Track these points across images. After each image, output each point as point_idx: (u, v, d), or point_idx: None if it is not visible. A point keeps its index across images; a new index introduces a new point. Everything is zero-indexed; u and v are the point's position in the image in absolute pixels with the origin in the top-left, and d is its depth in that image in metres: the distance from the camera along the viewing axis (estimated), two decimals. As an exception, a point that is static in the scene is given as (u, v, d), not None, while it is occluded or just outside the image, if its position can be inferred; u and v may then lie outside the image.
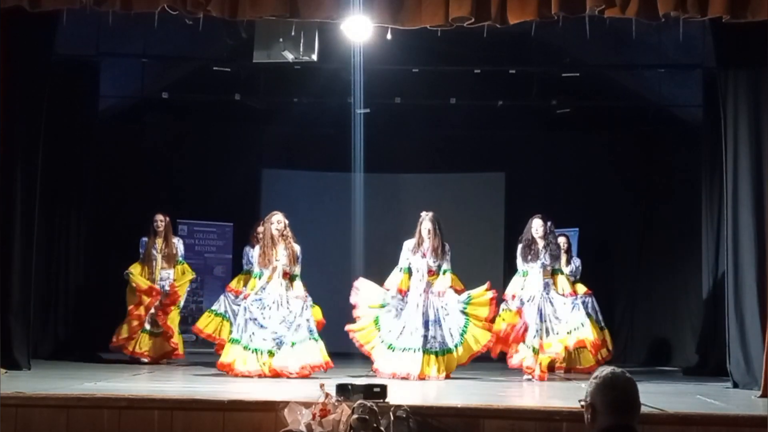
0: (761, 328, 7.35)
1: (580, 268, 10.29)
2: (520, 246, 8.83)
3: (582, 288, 9.97)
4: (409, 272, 8.57)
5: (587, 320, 8.96)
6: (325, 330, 8.79)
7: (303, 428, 5.18)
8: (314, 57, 8.34)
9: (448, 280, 8.53)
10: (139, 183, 11.65)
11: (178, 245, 9.85)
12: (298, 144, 12.76)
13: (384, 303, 8.58)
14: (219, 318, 9.64)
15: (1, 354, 7.36)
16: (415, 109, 11.72)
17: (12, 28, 7.64)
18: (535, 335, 8.50)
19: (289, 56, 8.30)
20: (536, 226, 8.78)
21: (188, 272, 9.86)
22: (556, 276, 9.03)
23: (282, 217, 8.46)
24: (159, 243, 9.67)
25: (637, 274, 11.74)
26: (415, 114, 11.91)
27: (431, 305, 8.45)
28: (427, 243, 8.52)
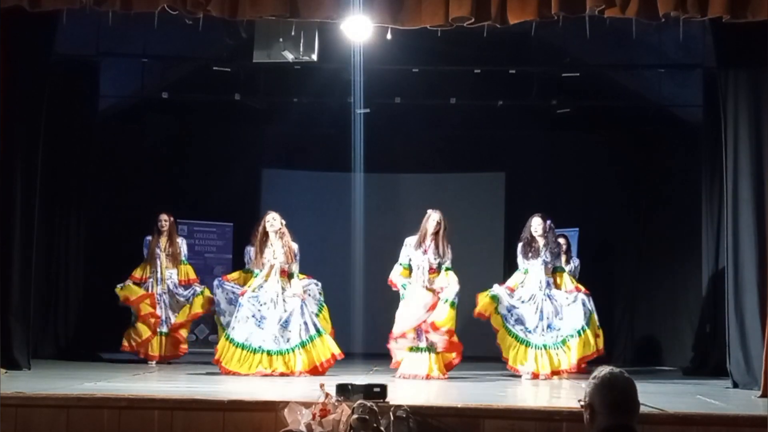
0: (761, 328, 7.34)
1: (579, 268, 10.30)
2: (520, 244, 8.86)
3: (581, 288, 9.95)
4: (409, 268, 8.56)
5: (584, 323, 8.96)
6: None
7: (303, 428, 5.19)
8: (314, 57, 8.34)
9: (450, 279, 8.53)
10: (139, 183, 11.64)
11: (182, 245, 9.84)
12: (298, 144, 12.75)
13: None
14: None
15: (1, 354, 7.36)
16: (415, 109, 11.72)
17: (12, 28, 7.64)
18: (534, 332, 8.51)
19: (289, 56, 8.30)
20: (535, 225, 8.80)
21: (191, 273, 9.83)
22: (558, 274, 9.02)
23: (277, 216, 8.50)
24: (163, 242, 9.66)
25: (637, 274, 11.73)
26: (415, 114, 11.90)
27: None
28: (430, 239, 8.50)
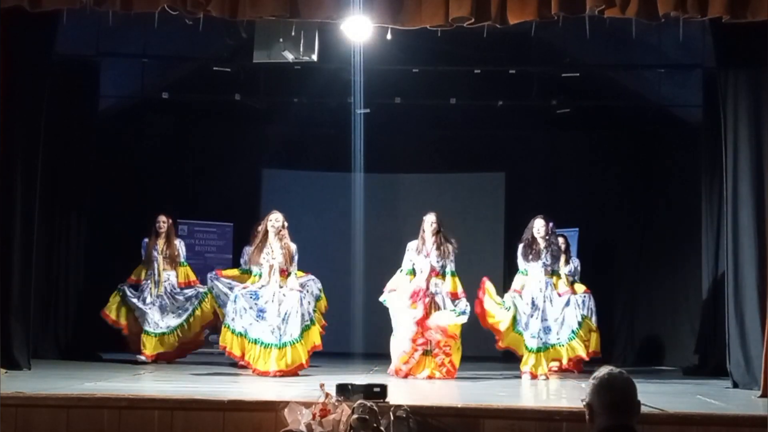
0: (761, 328, 7.35)
1: (579, 268, 10.30)
2: (521, 245, 8.83)
3: (581, 287, 9.99)
4: (413, 273, 8.56)
5: (576, 326, 9.01)
6: (326, 330, 8.81)
7: (303, 428, 5.19)
8: (314, 57, 8.34)
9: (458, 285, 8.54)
10: (139, 183, 11.64)
11: (180, 247, 9.82)
12: (298, 144, 12.76)
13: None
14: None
15: (1, 354, 7.36)
16: (415, 109, 11.71)
17: (12, 28, 7.64)
18: (534, 336, 8.52)
19: (289, 56, 8.30)
20: (538, 226, 8.78)
21: (191, 275, 9.82)
22: (555, 276, 9.04)
23: (280, 216, 8.51)
24: (160, 244, 9.64)
25: (637, 274, 11.73)
26: (415, 114, 11.90)
27: (433, 305, 8.42)
28: (432, 241, 8.50)
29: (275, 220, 8.47)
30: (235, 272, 9.42)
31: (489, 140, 12.57)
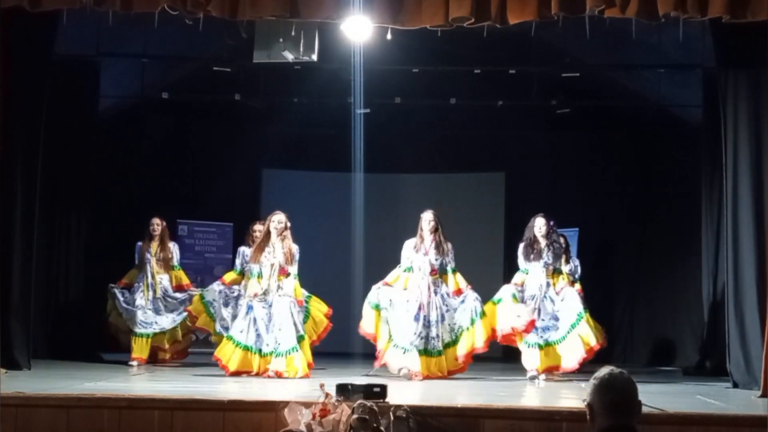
0: (761, 328, 7.35)
1: (579, 268, 10.27)
2: (522, 245, 8.81)
3: (577, 287, 9.94)
4: (411, 271, 8.55)
5: (575, 321, 8.96)
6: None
7: (303, 428, 5.19)
8: (314, 57, 8.34)
9: (461, 280, 8.53)
10: (139, 183, 11.65)
11: (174, 250, 9.75)
12: (298, 144, 12.77)
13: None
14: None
15: (1, 354, 7.36)
16: (415, 109, 11.72)
17: (12, 28, 7.64)
18: (534, 332, 8.51)
19: (289, 56, 8.30)
20: (539, 225, 8.76)
21: (184, 279, 9.76)
22: (555, 275, 9.01)
23: (283, 217, 8.49)
24: (154, 247, 9.56)
25: (637, 274, 11.74)
26: (415, 114, 11.90)
27: (434, 304, 8.42)
28: (430, 239, 8.49)
29: (278, 222, 8.45)
30: (233, 275, 9.41)
31: (489, 140, 12.58)
